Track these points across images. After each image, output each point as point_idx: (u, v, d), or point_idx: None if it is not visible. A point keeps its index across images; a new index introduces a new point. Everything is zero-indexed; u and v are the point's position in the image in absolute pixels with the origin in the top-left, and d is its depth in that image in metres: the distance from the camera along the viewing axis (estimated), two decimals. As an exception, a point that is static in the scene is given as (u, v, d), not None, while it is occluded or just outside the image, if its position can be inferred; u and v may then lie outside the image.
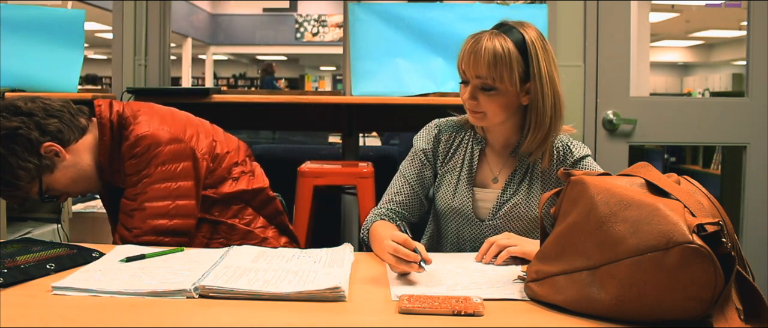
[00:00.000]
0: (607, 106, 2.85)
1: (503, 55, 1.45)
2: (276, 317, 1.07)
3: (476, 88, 1.50)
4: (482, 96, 1.49)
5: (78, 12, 3.09)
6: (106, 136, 1.63)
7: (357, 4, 2.89)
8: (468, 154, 1.62)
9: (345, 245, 1.50)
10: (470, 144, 1.63)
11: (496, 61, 1.45)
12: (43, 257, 1.36)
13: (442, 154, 1.65)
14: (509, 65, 1.46)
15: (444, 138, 1.65)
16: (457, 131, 1.66)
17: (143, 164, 1.61)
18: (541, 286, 1.13)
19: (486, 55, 1.45)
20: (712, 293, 0.95)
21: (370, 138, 7.21)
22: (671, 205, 1.00)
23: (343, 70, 3.00)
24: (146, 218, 1.60)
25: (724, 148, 4.02)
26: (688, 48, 17.41)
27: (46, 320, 1.04)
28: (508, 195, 1.58)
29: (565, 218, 1.12)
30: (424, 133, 1.68)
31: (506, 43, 1.46)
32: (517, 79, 1.47)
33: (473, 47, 1.47)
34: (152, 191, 1.61)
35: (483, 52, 1.45)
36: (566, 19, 2.85)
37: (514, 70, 1.46)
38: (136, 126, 1.63)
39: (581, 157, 1.59)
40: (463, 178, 1.61)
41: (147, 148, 1.61)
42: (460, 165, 1.62)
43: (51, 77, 2.97)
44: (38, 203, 2.64)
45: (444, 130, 1.66)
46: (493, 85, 1.47)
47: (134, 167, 1.61)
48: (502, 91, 1.48)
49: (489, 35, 1.48)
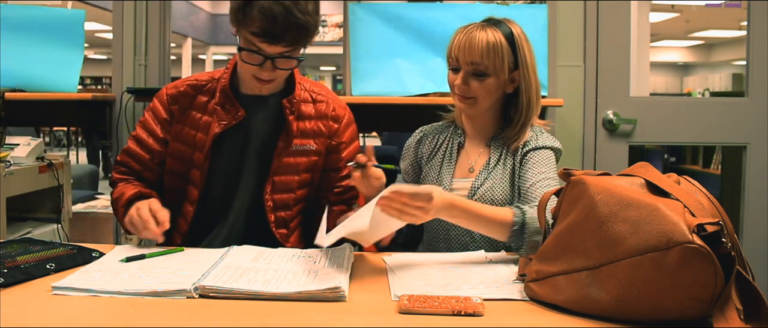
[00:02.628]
0: (607, 106, 2.85)
1: (496, 43, 1.58)
2: (276, 317, 1.07)
3: (468, 75, 1.60)
4: (474, 82, 1.60)
5: (78, 12, 3.10)
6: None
7: (357, 4, 2.89)
8: (448, 149, 1.73)
9: (345, 245, 1.50)
10: (450, 139, 1.74)
11: (489, 49, 1.57)
12: (43, 257, 1.36)
13: (426, 154, 1.77)
14: (501, 54, 1.58)
15: (428, 140, 1.78)
16: (440, 132, 1.78)
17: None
18: (541, 286, 1.13)
19: (480, 44, 1.57)
20: (712, 293, 0.95)
21: (370, 138, 7.21)
22: (671, 205, 1.00)
23: (343, 70, 3.00)
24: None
25: (724, 148, 4.02)
26: (688, 48, 17.41)
27: (46, 320, 1.04)
28: (481, 180, 1.65)
29: (565, 218, 1.12)
30: (412, 137, 1.83)
31: (497, 34, 1.59)
32: (506, 68, 1.59)
33: (467, 36, 1.59)
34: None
35: (477, 40, 1.57)
36: (566, 19, 2.85)
37: (505, 58, 1.59)
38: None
39: (541, 146, 1.63)
40: (444, 170, 1.71)
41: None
42: (441, 159, 1.73)
43: (51, 77, 2.98)
44: (38, 203, 2.64)
45: (428, 133, 1.80)
46: (486, 72, 1.59)
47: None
48: (493, 78, 1.60)
49: (480, 26, 1.60)
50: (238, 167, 1.69)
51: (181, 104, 1.69)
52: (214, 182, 1.68)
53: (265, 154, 1.68)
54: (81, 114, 3.18)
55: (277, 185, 1.68)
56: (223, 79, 1.66)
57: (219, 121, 1.65)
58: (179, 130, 1.68)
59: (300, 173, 1.70)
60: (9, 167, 2.35)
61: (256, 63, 1.54)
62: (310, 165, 1.71)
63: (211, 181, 1.68)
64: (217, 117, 1.65)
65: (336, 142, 1.74)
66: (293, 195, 1.71)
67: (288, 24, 1.48)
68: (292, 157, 1.68)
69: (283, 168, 1.68)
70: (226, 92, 1.65)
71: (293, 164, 1.69)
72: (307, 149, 1.69)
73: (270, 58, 1.54)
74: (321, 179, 1.76)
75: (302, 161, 1.70)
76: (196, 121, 1.67)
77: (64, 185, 2.62)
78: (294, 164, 1.69)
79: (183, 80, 1.73)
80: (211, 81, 1.69)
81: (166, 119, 1.70)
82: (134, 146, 1.72)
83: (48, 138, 11.96)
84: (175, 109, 1.69)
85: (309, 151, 1.70)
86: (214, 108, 1.66)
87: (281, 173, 1.68)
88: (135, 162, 1.72)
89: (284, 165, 1.68)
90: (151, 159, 1.71)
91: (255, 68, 1.55)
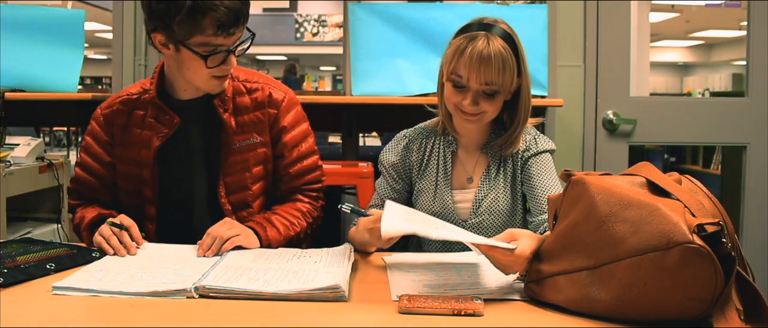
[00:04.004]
0: (607, 106, 2.85)
1: (507, 58, 1.46)
2: (276, 317, 1.07)
3: (479, 94, 1.49)
4: (483, 100, 1.50)
5: (78, 12, 3.10)
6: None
7: (357, 4, 2.89)
8: (442, 159, 1.63)
9: (345, 245, 1.50)
10: (442, 148, 1.64)
11: (504, 65, 1.46)
12: (43, 257, 1.36)
13: (417, 163, 1.65)
14: (511, 67, 1.48)
15: (415, 147, 1.65)
16: (426, 137, 1.66)
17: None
18: (541, 286, 1.13)
19: (495, 62, 1.45)
20: (712, 294, 0.95)
21: (370, 138, 7.22)
22: (671, 205, 1.00)
23: (343, 70, 3.00)
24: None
25: (724, 148, 4.01)
26: (688, 48, 17.40)
27: (46, 320, 1.04)
28: (485, 191, 1.60)
29: (566, 218, 1.12)
30: (393, 145, 1.68)
31: (504, 45, 1.47)
32: (514, 79, 1.50)
33: (478, 54, 1.45)
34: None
35: (491, 58, 1.45)
36: (566, 19, 2.85)
37: (514, 70, 1.49)
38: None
39: (542, 151, 1.61)
40: (440, 182, 1.62)
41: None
42: (435, 171, 1.63)
43: (51, 77, 2.98)
44: (38, 203, 2.64)
45: (413, 139, 1.66)
46: (498, 90, 1.49)
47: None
48: (503, 92, 1.51)
49: (484, 39, 1.47)
50: (188, 175, 1.66)
51: (119, 123, 1.64)
52: (167, 195, 1.65)
53: (211, 157, 1.64)
54: (81, 114, 3.17)
55: (229, 185, 1.64)
56: (151, 91, 1.61)
57: (157, 133, 1.61)
58: (122, 151, 1.65)
59: (250, 169, 1.65)
60: (9, 167, 2.35)
61: (220, 61, 1.50)
62: (258, 158, 1.65)
63: (165, 195, 1.65)
64: (155, 130, 1.61)
65: (278, 128, 1.66)
66: (250, 192, 1.66)
67: (237, 7, 1.46)
68: (238, 154, 1.63)
69: (232, 168, 1.63)
70: (156, 104, 1.61)
71: (241, 162, 1.64)
72: (251, 143, 1.64)
73: (232, 51, 1.51)
74: (273, 168, 1.70)
75: (250, 156, 1.64)
76: (137, 137, 1.63)
77: (64, 184, 2.62)
78: (241, 161, 1.64)
79: (114, 97, 1.68)
80: (143, 92, 1.64)
81: (107, 141, 1.66)
82: (82, 173, 1.68)
83: (48, 138, 11.95)
84: (115, 130, 1.65)
85: (254, 144, 1.64)
86: (150, 122, 1.61)
87: (231, 174, 1.63)
88: (86, 189, 1.68)
89: (231, 164, 1.63)
90: (102, 184, 1.67)
91: (216, 68, 1.51)
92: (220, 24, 1.44)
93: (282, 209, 1.64)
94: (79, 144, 10.39)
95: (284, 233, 1.57)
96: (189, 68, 1.52)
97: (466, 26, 1.53)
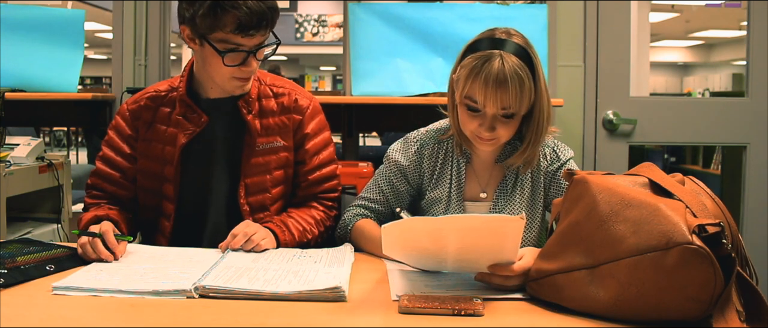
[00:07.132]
0: (607, 106, 2.85)
1: (524, 78, 1.37)
2: (276, 317, 1.07)
3: (496, 119, 1.41)
4: (501, 124, 1.42)
5: (78, 12, 3.10)
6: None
7: (357, 4, 2.89)
8: (455, 169, 1.57)
9: (345, 245, 1.50)
10: (455, 158, 1.57)
11: (522, 88, 1.37)
12: (43, 257, 1.36)
13: (429, 172, 1.58)
14: (528, 87, 1.38)
15: (427, 153, 1.58)
16: (438, 143, 1.59)
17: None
18: (541, 286, 1.13)
19: (513, 85, 1.36)
20: (711, 294, 0.95)
21: (370, 138, 7.21)
22: (672, 205, 1.00)
23: (343, 70, 3.01)
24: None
25: (724, 148, 4.02)
26: (688, 48, 17.39)
27: (46, 320, 1.04)
28: (501, 206, 1.55)
29: (567, 217, 1.12)
30: (403, 147, 1.61)
31: (520, 63, 1.37)
32: (532, 97, 1.42)
33: (494, 78, 1.36)
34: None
35: (509, 82, 1.35)
36: (566, 19, 2.85)
37: (532, 90, 1.40)
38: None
39: (566, 160, 1.58)
40: (453, 194, 1.56)
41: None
42: (448, 182, 1.56)
43: (51, 77, 2.98)
44: (38, 203, 2.64)
45: (425, 144, 1.59)
46: (516, 113, 1.41)
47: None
48: (519, 114, 1.43)
49: (499, 59, 1.37)
50: (208, 174, 1.66)
51: (145, 119, 1.65)
52: (187, 193, 1.65)
53: (233, 158, 1.64)
54: (81, 114, 3.18)
55: (250, 187, 1.64)
56: (180, 89, 1.62)
57: (183, 131, 1.61)
58: (146, 146, 1.65)
59: (271, 172, 1.65)
60: (9, 167, 2.35)
61: (239, 61, 1.51)
62: (280, 162, 1.66)
63: (184, 193, 1.65)
64: (182, 128, 1.61)
65: (301, 134, 1.67)
66: (269, 195, 1.66)
67: (261, 10, 1.46)
68: (261, 157, 1.64)
69: (253, 169, 1.63)
70: (185, 102, 1.61)
71: (262, 164, 1.64)
72: (274, 147, 1.64)
73: (252, 52, 1.52)
74: (294, 173, 1.70)
75: (272, 160, 1.65)
76: (162, 134, 1.63)
77: (64, 185, 2.62)
78: (263, 163, 1.64)
79: (142, 93, 1.68)
80: (171, 90, 1.65)
81: (131, 135, 1.66)
82: (103, 167, 1.67)
83: (48, 138, 11.95)
84: (140, 125, 1.65)
85: (277, 148, 1.65)
86: (177, 119, 1.62)
87: (252, 175, 1.64)
88: (107, 183, 1.67)
89: (253, 166, 1.63)
90: (123, 176, 1.66)
91: (235, 68, 1.52)
92: (240, 23, 1.46)
93: (297, 214, 1.64)
94: (79, 144, 10.40)
95: (298, 237, 1.57)
96: (210, 64, 1.54)
97: (477, 41, 1.44)
